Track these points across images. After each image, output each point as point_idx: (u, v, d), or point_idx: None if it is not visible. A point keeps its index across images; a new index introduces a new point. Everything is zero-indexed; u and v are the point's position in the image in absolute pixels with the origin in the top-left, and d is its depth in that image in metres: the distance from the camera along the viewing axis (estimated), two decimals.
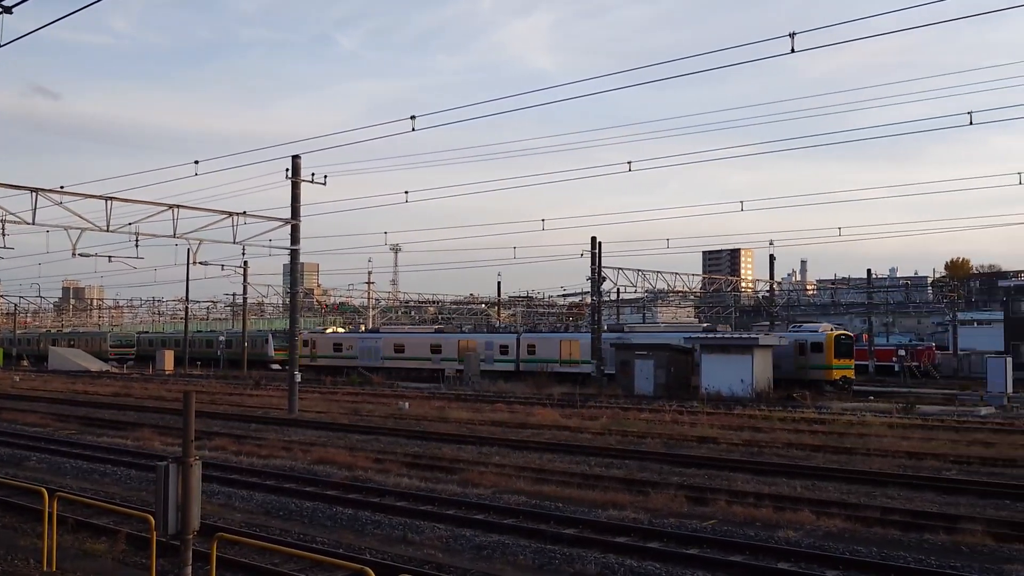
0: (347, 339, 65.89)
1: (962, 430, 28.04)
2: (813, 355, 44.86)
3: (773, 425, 29.61)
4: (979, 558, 12.47)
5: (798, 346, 45.15)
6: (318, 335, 68.42)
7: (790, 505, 15.77)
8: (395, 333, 65.61)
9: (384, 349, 61.52)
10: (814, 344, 44.99)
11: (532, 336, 58.71)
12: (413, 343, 61.06)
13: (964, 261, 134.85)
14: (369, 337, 64.71)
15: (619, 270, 52.91)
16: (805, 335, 45.93)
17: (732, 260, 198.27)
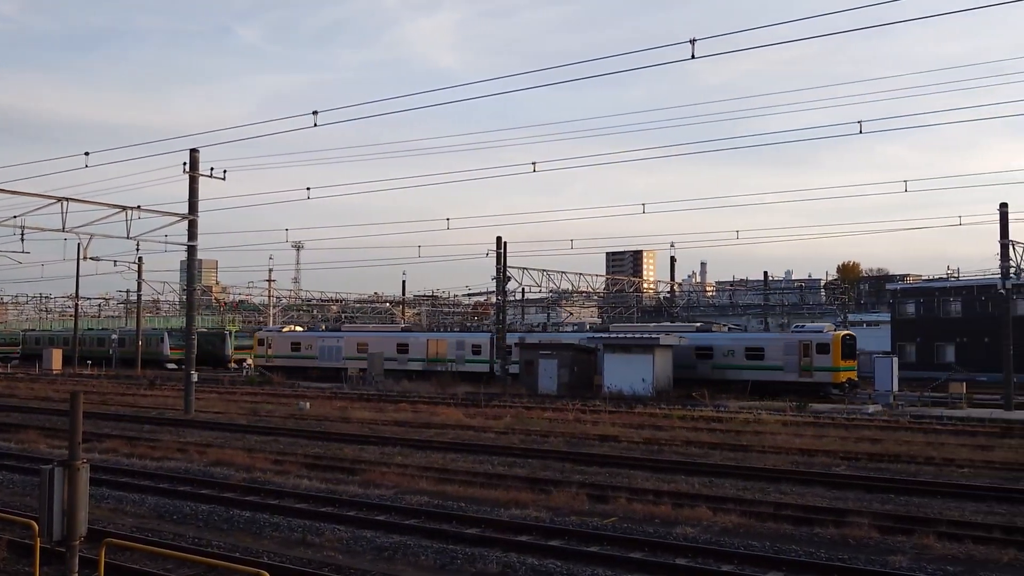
0: (306, 338, 61.59)
1: (851, 427, 29.12)
2: (819, 356, 42.55)
3: (673, 423, 30.19)
4: (865, 550, 12.95)
5: (802, 347, 42.92)
6: (274, 334, 63.57)
7: (688, 502, 16.09)
8: (358, 332, 61.98)
9: (346, 349, 58.01)
10: (820, 345, 42.67)
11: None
12: (378, 342, 57.17)
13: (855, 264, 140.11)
14: (330, 336, 61.28)
15: (524, 270, 53.24)
16: (810, 335, 43.47)
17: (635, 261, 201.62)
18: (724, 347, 45.18)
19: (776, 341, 44.72)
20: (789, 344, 43.40)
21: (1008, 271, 38.83)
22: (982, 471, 20.47)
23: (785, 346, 43.47)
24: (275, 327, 68.81)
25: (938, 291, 71.92)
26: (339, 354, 58.12)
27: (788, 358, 43.07)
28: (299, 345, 60.68)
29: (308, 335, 62.85)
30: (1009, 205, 38.88)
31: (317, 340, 60.47)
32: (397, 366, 54.81)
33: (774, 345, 44.12)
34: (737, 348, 44.80)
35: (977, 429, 28.37)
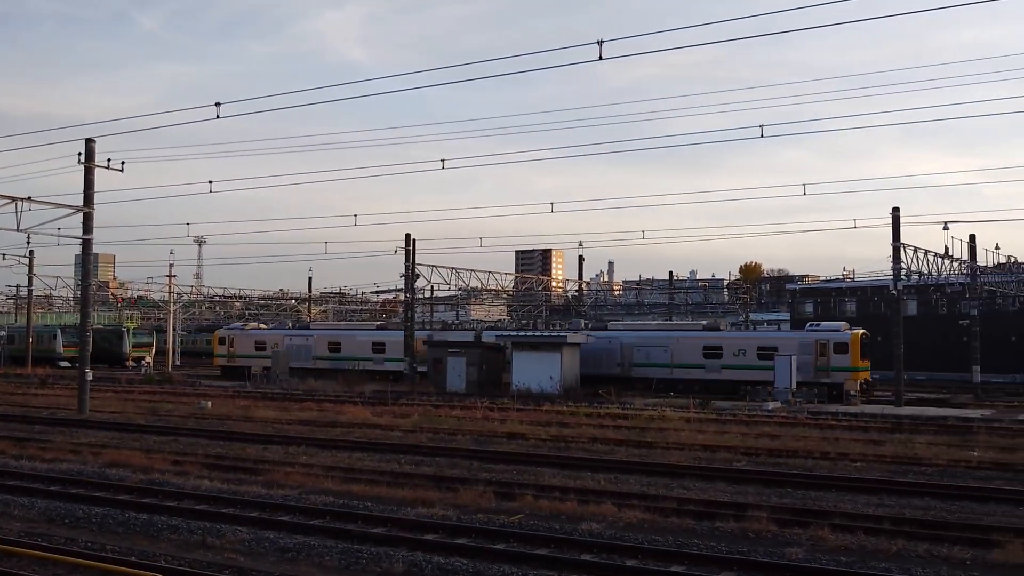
0: (272, 336, 57.88)
1: (751, 424, 29.88)
2: (836, 356, 40.90)
3: (580, 421, 30.49)
4: (763, 543, 13.29)
5: (818, 346, 41.29)
6: (236, 332, 60.00)
7: (594, 498, 16.25)
8: (329, 330, 59.27)
9: (316, 347, 54.84)
10: (838, 344, 41.02)
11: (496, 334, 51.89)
12: (352, 341, 54.37)
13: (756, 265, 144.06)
14: (298, 334, 57.81)
15: (433, 267, 53.03)
16: (827, 334, 41.77)
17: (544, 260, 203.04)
18: (735, 346, 43.65)
19: (790, 340, 43.02)
20: (804, 343, 41.68)
21: (899, 273, 40.46)
22: (874, 465, 21.25)
23: (800, 345, 41.72)
24: (237, 324, 65.48)
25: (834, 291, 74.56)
26: (308, 353, 54.96)
27: (803, 358, 41.15)
28: (264, 344, 56.94)
29: (275, 333, 59.17)
30: (901, 209, 40.57)
31: (284, 339, 56.87)
32: (373, 366, 51.68)
33: (788, 344, 42.21)
34: (749, 347, 43.24)
35: (869, 425, 29.45)
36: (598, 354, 45.93)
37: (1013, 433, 27.02)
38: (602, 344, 46.31)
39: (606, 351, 46.13)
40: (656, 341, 45.49)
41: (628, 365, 45.28)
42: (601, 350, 46.09)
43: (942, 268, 44.14)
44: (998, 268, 51.93)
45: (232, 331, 60.60)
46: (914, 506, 16.13)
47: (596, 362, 45.63)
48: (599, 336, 47.22)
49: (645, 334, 46.99)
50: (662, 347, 44.73)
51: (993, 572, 11.73)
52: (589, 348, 45.85)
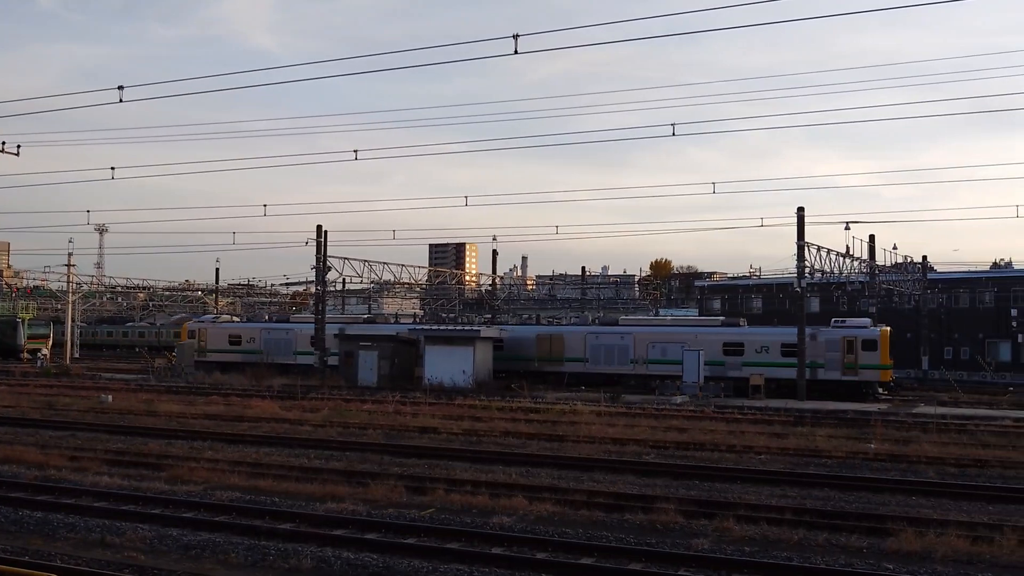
0: (248, 330, 54.55)
1: (660, 417, 30.40)
2: (864, 354, 40.42)
3: (492, 415, 30.54)
4: (671, 534, 13.52)
5: (846, 343, 40.62)
6: (208, 324, 56.38)
7: (505, 492, 16.29)
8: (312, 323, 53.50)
9: (298, 342, 51.29)
10: (866, 341, 40.53)
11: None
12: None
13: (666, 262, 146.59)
14: (278, 328, 53.97)
15: (345, 260, 52.26)
16: (854, 331, 41.07)
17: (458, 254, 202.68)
18: (757, 343, 42.38)
19: (813, 337, 41.36)
20: (831, 340, 40.80)
21: (803, 271, 41.64)
22: (777, 457, 21.84)
23: (827, 342, 40.84)
24: (209, 316, 61.78)
25: (741, 288, 76.40)
26: (289, 348, 51.78)
27: (830, 355, 40.59)
28: (239, 338, 53.77)
29: (250, 326, 55.75)
30: (805, 209, 41.75)
31: (262, 332, 53.61)
32: None
33: (812, 341, 40.97)
34: (772, 344, 42.00)
35: (773, 419, 30.25)
36: (609, 350, 44.29)
37: (907, 426, 28.10)
38: (613, 340, 44.52)
39: (618, 348, 44.28)
40: (673, 337, 43.41)
41: (642, 362, 43.60)
42: (612, 346, 44.34)
43: (843, 267, 45.59)
44: (895, 268, 53.92)
45: (202, 324, 57.15)
46: (815, 497, 16.63)
47: (608, 358, 44.12)
48: (610, 332, 45.30)
49: (661, 330, 45.18)
50: (680, 343, 42.55)
51: (887, 559, 12.17)
52: (597, 344, 44.28)
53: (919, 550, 12.47)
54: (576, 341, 45.23)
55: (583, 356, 44.66)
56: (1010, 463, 20.64)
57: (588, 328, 47.23)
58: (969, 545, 12.57)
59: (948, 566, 11.87)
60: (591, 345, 44.72)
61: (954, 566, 11.88)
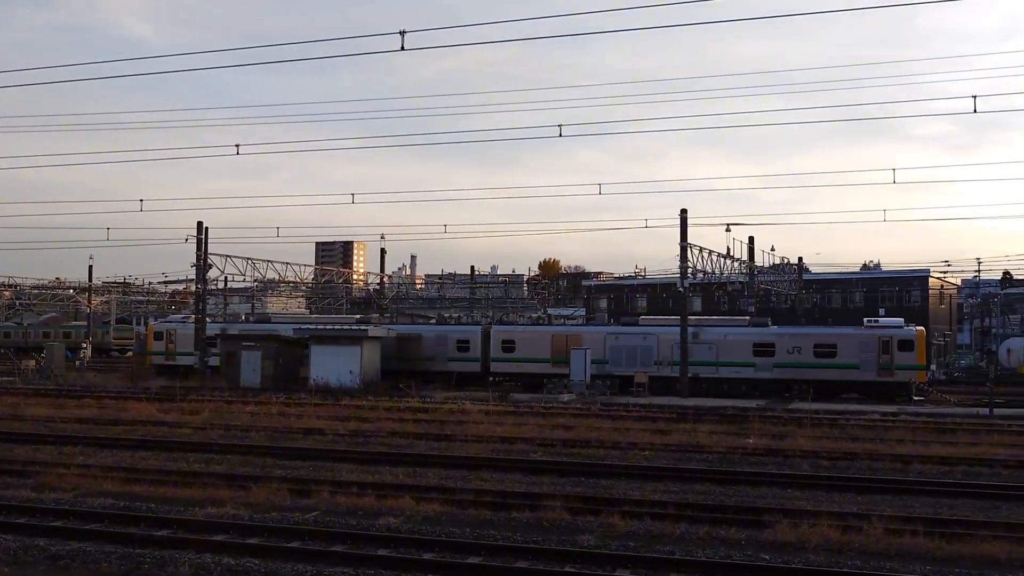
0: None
1: (548, 415, 30.66)
2: (900, 354, 39.30)
3: (379, 415, 30.24)
4: (557, 531, 13.64)
5: (881, 343, 39.51)
6: (178, 326, 52.05)
7: (392, 492, 16.13)
8: (297, 323, 51.08)
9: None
10: (902, 342, 39.42)
11: (508, 329, 46.81)
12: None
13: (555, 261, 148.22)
14: (255, 328, 50.34)
15: (227, 257, 50.87)
16: (890, 331, 39.88)
17: (345, 252, 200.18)
18: (789, 343, 40.87)
19: (851, 337, 40.47)
20: (866, 340, 39.74)
21: (686, 271, 42.74)
22: (661, 453, 22.31)
23: (861, 343, 39.84)
24: (179, 317, 56.71)
25: (627, 288, 77.99)
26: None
27: (865, 356, 39.55)
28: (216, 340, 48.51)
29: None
30: (688, 211, 42.86)
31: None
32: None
33: (849, 341, 40.16)
34: (804, 344, 40.57)
35: (657, 415, 30.91)
36: (631, 351, 42.67)
37: (783, 421, 29.13)
38: (636, 340, 42.96)
39: (641, 348, 42.70)
40: (700, 338, 41.88)
41: (667, 363, 41.83)
42: (635, 347, 42.76)
43: (724, 267, 47.01)
44: (773, 268, 55.95)
45: (171, 325, 52.96)
46: (696, 491, 17.05)
47: (630, 359, 42.47)
48: (632, 332, 43.67)
49: (688, 330, 42.62)
50: (707, 344, 41.44)
51: (764, 550, 12.56)
52: (617, 344, 42.57)
53: (794, 540, 12.92)
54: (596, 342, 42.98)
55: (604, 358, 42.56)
56: (877, 455, 21.62)
57: (607, 328, 45.33)
58: (840, 534, 13.10)
59: (820, 555, 12.34)
60: (611, 346, 42.82)
61: (826, 554, 12.36)
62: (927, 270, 68.67)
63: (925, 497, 16.67)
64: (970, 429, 27.30)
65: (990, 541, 12.61)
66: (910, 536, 12.88)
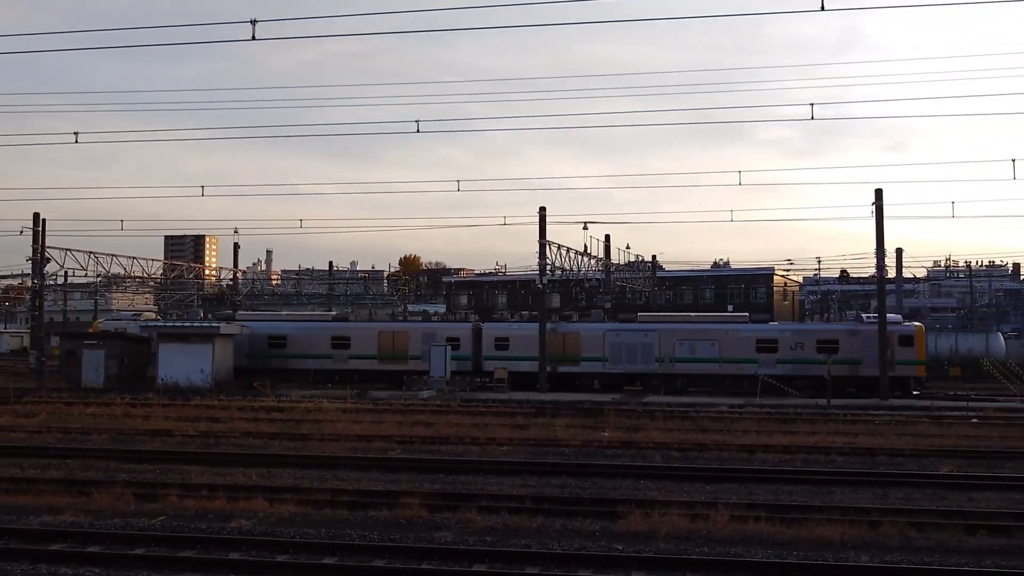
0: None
1: (407, 413, 30.49)
2: (901, 349, 39.65)
3: (232, 415, 29.34)
4: (415, 528, 13.57)
5: None
6: (129, 324, 48.38)
7: (245, 494, 15.67)
8: (266, 320, 48.13)
9: (252, 342, 44.56)
10: (903, 337, 39.94)
11: (502, 327, 45.41)
12: (302, 336, 44.94)
13: (415, 258, 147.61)
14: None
15: (67, 251, 48.17)
16: (891, 327, 39.80)
17: (196, 246, 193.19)
18: (792, 340, 40.88)
19: (853, 333, 40.87)
20: (868, 336, 39.88)
21: (545, 268, 43.35)
22: (519, 448, 22.55)
23: (864, 338, 40.01)
24: (129, 313, 50.66)
25: (487, 284, 78.47)
26: (240, 348, 44.66)
27: (867, 352, 39.63)
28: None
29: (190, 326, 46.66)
30: (547, 209, 43.47)
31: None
32: (332, 364, 43.98)
33: (851, 337, 40.47)
34: (807, 341, 40.67)
35: (516, 410, 31.23)
36: (632, 349, 41.96)
37: (637, 414, 29.98)
38: (636, 337, 42.10)
39: (641, 345, 41.97)
40: (703, 334, 41.66)
41: (668, 360, 41.24)
42: (635, 344, 42.03)
43: (582, 264, 47.96)
44: (628, 266, 57.45)
45: (120, 324, 48.69)
46: (553, 485, 17.30)
47: (630, 357, 41.81)
48: (632, 329, 42.77)
49: (689, 326, 42.72)
50: (710, 340, 41.25)
51: (617, 540, 12.88)
52: (617, 342, 41.86)
53: (645, 530, 13.30)
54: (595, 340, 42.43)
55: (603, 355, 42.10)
56: (725, 446, 22.52)
57: (607, 326, 44.22)
58: (689, 523, 13.58)
59: (670, 543, 12.75)
60: (610, 343, 42.09)
61: (675, 543, 12.78)
62: (772, 268, 72.02)
63: (768, 484, 17.48)
64: (809, 419, 28.80)
65: (825, 524, 13.34)
66: (753, 522, 13.47)
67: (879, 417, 29.46)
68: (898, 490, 16.97)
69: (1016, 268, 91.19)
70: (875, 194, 39.19)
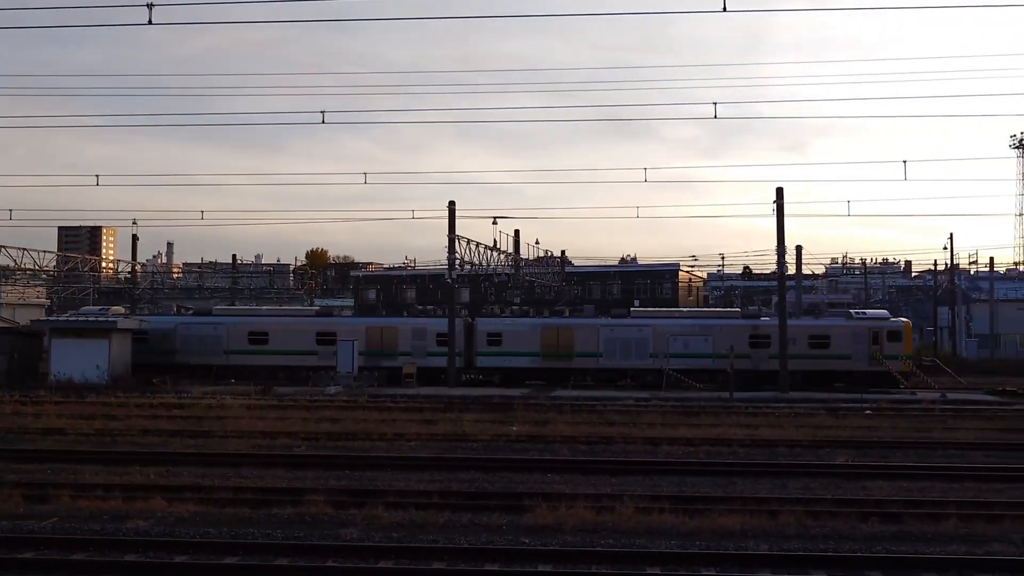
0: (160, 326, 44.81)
1: (313, 409, 29.98)
2: (890, 344, 40.77)
3: (130, 412, 28.41)
4: (320, 526, 13.37)
5: (871, 334, 40.95)
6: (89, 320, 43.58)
7: (142, 494, 15.18)
8: (247, 316, 46.70)
9: (231, 339, 43.56)
10: (891, 332, 41.06)
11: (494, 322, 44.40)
12: (283, 330, 43.83)
13: (323, 251, 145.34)
14: (200, 322, 45.17)
15: None
16: (880, 323, 41.41)
17: (92, 238, 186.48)
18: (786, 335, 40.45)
19: (844, 328, 41.69)
20: (858, 332, 41.07)
21: (454, 262, 43.28)
22: (428, 443, 22.43)
23: (854, 334, 41.05)
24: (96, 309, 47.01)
25: (396, 279, 77.92)
26: (219, 345, 43.74)
27: (857, 346, 40.82)
28: (145, 336, 43.69)
29: (166, 321, 45.63)
30: (456, 203, 43.38)
31: (177, 327, 44.57)
32: (317, 361, 42.66)
33: (841, 332, 41.35)
34: (799, 336, 40.97)
35: (424, 406, 31.05)
36: (626, 344, 41.84)
37: (546, 408, 30.16)
38: (631, 333, 42.06)
39: (636, 340, 41.86)
40: (696, 330, 42.07)
41: (662, 356, 41.10)
42: (630, 339, 41.91)
43: (491, 259, 48.02)
44: (538, 261, 57.75)
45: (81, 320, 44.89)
46: (460, 480, 17.28)
47: (624, 352, 41.60)
48: (627, 324, 42.70)
49: (684, 322, 43.05)
50: (703, 336, 41.60)
51: (524, 534, 12.91)
52: (612, 337, 41.68)
53: (552, 523, 13.37)
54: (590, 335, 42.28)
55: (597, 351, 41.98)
56: (631, 439, 22.83)
57: (601, 320, 44.05)
58: (595, 515, 13.70)
59: (576, 535, 12.84)
60: (605, 338, 42.00)
61: (581, 535, 12.88)
62: (677, 264, 73.49)
63: (672, 476, 17.79)
64: (713, 412, 29.47)
65: (727, 515, 13.63)
66: (658, 514, 13.68)
67: (779, 409, 30.32)
68: (796, 480, 17.48)
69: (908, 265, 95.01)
70: (776, 193, 40.31)
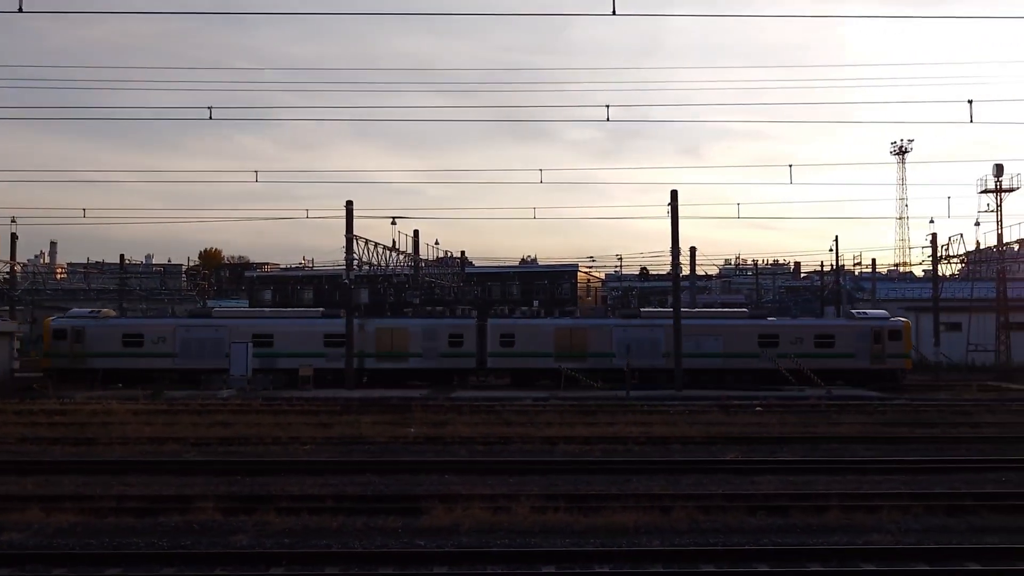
0: (156, 327, 42.92)
1: (205, 413, 29.18)
2: (891, 343, 41.59)
3: (7, 419, 27.11)
4: (208, 533, 12.99)
5: (874, 333, 41.61)
6: (89, 322, 42.74)
7: (17, 504, 14.48)
8: (244, 318, 45.05)
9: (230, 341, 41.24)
10: (892, 331, 41.79)
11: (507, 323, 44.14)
12: (286, 332, 42.42)
13: (216, 251, 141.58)
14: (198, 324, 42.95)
15: None
16: (881, 322, 42.12)
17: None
18: (792, 334, 41.87)
19: (848, 328, 42.42)
20: (861, 331, 41.78)
21: (352, 263, 42.73)
22: (323, 446, 22.07)
23: (857, 333, 41.76)
24: (85, 310, 43.61)
25: (292, 279, 76.41)
26: (218, 347, 41.45)
27: (860, 345, 41.58)
28: (141, 339, 41.85)
29: (161, 323, 44.19)
30: (354, 203, 42.83)
31: (177, 329, 42.59)
32: (326, 363, 41.39)
33: (846, 332, 42.08)
34: (806, 335, 41.76)
35: (320, 409, 30.56)
36: (639, 343, 41.19)
37: (445, 409, 30.05)
38: (643, 333, 41.91)
39: (647, 340, 41.64)
40: (707, 330, 42.13)
41: (673, 356, 40.13)
42: (642, 339, 41.59)
43: (390, 260, 47.56)
44: (437, 261, 57.55)
45: (78, 320, 42.92)
46: (356, 483, 17.02)
47: (636, 351, 40.55)
48: (639, 324, 42.60)
49: (695, 322, 42.44)
50: (714, 336, 41.75)
51: (420, 536, 12.82)
52: (624, 337, 41.39)
53: (448, 524, 13.31)
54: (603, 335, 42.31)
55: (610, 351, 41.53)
56: (528, 438, 22.92)
57: (614, 321, 43.91)
58: (491, 516, 13.70)
59: (472, 536, 12.81)
60: (618, 339, 41.57)
61: (477, 536, 12.86)
62: (576, 265, 74.20)
63: (568, 475, 17.92)
64: (609, 410, 29.85)
65: (621, 512, 13.81)
66: (553, 512, 13.76)
67: (673, 407, 30.93)
68: (689, 476, 17.84)
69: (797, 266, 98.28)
70: (671, 195, 41.11)
